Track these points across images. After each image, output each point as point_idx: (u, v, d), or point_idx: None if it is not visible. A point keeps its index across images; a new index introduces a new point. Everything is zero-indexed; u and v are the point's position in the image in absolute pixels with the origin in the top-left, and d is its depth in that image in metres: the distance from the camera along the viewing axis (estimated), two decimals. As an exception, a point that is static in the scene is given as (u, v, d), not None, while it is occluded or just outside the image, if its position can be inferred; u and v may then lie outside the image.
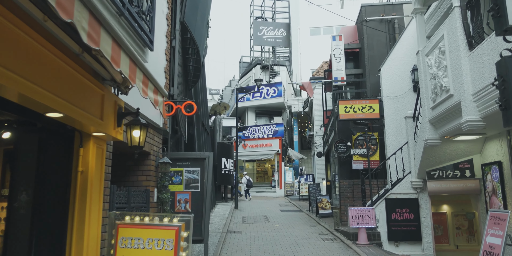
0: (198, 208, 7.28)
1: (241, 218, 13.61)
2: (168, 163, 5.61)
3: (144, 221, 3.20)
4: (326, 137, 15.90)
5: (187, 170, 7.37)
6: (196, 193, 7.32)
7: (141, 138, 3.37)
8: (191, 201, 7.28)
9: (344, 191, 11.42)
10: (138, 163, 5.26)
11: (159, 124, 5.57)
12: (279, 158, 24.16)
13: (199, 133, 13.51)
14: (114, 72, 2.93)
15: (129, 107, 3.97)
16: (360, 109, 11.33)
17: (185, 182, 7.33)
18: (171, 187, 7.25)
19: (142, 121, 3.37)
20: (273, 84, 26.69)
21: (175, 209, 7.23)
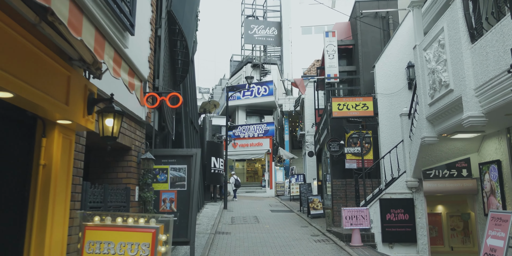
0: (184, 208, 6.86)
1: (230, 219, 13.20)
2: (151, 159, 5.18)
3: (116, 222, 2.79)
4: (318, 136, 15.57)
5: (173, 167, 6.94)
6: (182, 192, 6.90)
7: (115, 128, 2.95)
8: (177, 200, 6.86)
9: (337, 191, 11.08)
10: (118, 158, 4.83)
11: (141, 117, 5.14)
12: (269, 157, 23.79)
13: (187, 130, 13.07)
14: (83, 50, 2.51)
15: (105, 95, 3.55)
16: (353, 107, 11.01)
17: (171, 181, 6.90)
18: (156, 185, 6.83)
19: (117, 108, 2.96)
20: (264, 83, 26.32)
21: (159, 208, 6.80)
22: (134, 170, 5.06)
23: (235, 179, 20.63)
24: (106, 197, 3.96)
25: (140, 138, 5.35)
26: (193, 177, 6.91)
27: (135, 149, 5.07)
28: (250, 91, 26.30)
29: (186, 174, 6.94)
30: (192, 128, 14.72)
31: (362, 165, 9.85)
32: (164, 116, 8.06)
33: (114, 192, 4.28)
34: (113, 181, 4.81)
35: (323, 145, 14.44)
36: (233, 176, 20.74)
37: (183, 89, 13.14)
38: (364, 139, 9.92)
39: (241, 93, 26.52)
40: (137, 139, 5.13)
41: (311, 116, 21.87)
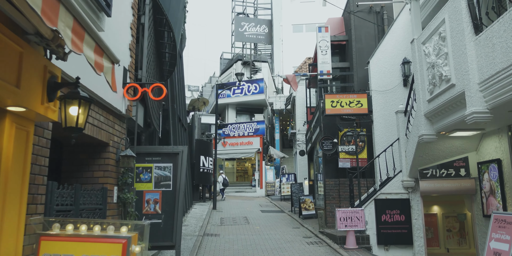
0: (170, 209, 6.41)
1: (220, 220, 12.76)
2: (131, 156, 4.72)
3: (79, 230, 2.34)
4: (309, 135, 15.20)
5: (158, 166, 6.48)
6: (167, 193, 6.44)
7: (81, 118, 2.50)
8: (162, 201, 6.40)
9: (330, 191, 10.71)
10: (94, 156, 4.36)
11: (121, 109, 4.67)
12: (260, 156, 23.38)
13: (175, 128, 12.59)
14: (37, 21, 2.06)
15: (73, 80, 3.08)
16: (347, 104, 10.64)
17: (155, 180, 6.44)
18: (139, 185, 6.36)
19: (83, 94, 2.50)
20: (255, 81, 25.89)
21: (142, 210, 6.33)
22: (113, 169, 4.60)
23: (223, 178, 20.18)
24: (77, 199, 3.50)
25: (120, 133, 4.88)
26: (179, 177, 6.46)
27: (114, 145, 4.60)
28: (240, 89, 25.86)
29: (172, 173, 6.48)
30: (180, 125, 14.23)
31: (356, 164, 9.49)
32: (149, 111, 7.59)
33: (88, 193, 3.82)
34: (88, 180, 4.34)
35: (315, 143, 14.07)
36: (221, 175, 20.29)
37: (171, 84, 12.65)
38: (358, 137, 9.56)
39: (231, 91, 26.06)
40: (116, 134, 4.66)
41: (303, 114, 21.51)
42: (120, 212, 4.75)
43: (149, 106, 7.11)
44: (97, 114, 3.99)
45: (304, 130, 21.36)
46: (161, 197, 6.39)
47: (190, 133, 18.42)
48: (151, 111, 7.71)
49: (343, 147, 9.54)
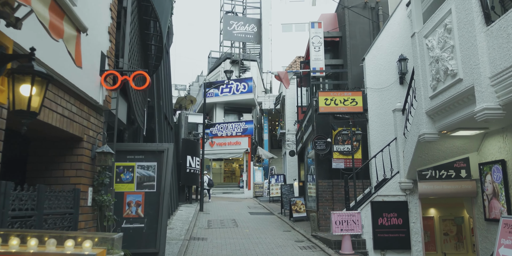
0: (154, 212, 5.85)
1: (207, 222, 12.19)
2: (109, 153, 4.16)
3: (28, 246, 1.79)
4: (300, 134, 14.74)
5: (141, 165, 5.92)
6: (151, 194, 5.88)
7: (35, 100, 1.95)
8: (145, 203, 5.83)
9: (323, 193, 10.25)
10: (65, 152, 3.79)
11: (97, 100, 4.11)
12: (248, 157, 22.85)
13: (161, 126, 11.99)
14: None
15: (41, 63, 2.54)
16: (342, 102, 10.21)
17: (138, 180, 5.87)
18: (119, 186, 5.79)
19: (38, 69, 1.96)
20: (243, 80, 25.36)
21: (123, 214, 5.76)
22: (87, 167, 4.03)
23: (208, 178, 19.60)
24: (41, 202, 2.94)
25: (96, 127, 4.31)
26: (164, 177, 5.91)
27: (89, 141, 4.04)
28: (229, 88, 25.32)
29: (156, 172, 5.92)
30: (166, 124, 13.63)
31: (352, 164, 9.05)
32: (132, 107, 7.01)
33: (56, 195, 3.25)
34: (58, 180, 3.77)
35: (306, 143, 13.62)
36: (206, 176, 19.71)
37: (157, 80, 12.06)
38: (355, 136, 9.12)
39: (219, 90, 25.49)
40: (91, 128, 4.09)
41: (292, 114, 21.07)
42: (96, 216, 4.19)
43: (132, 101, 6.54)
44: (68, 103, 3.43)
45: (294, 130, 20.92)
46: (144, 199, 5.83)
47: (176, 132, 17.82)
48: (134, 107, 7.13)
49: (338, 146, 9.09)
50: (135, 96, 6.96)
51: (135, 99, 6.80)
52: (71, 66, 3.10)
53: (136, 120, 8.55)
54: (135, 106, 6.91)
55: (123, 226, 5.67)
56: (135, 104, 6.99)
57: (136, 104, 7.33)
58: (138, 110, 8.05)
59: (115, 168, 5.80)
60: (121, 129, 9.15)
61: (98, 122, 4.34)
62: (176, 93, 36.05)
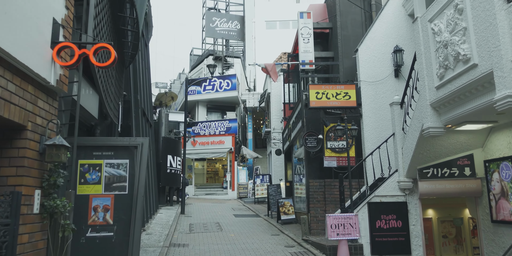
0: (125, 218, 4.99)
1: (189, 226, 11.32)
2: (62, 146, 3.31)
3: None
4: (287, 132, 14.02)
5: (110, 163, 5.05)
6: (122, 197, 5.02)
7: None
8: (114, 208, 4.97)
9: (314, 193, 9.53)
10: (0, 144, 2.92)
11: (47, 79, 3.24)
12: (232, 157, 22.02)
13: (138, 123, 11.07)
14: None
15: None
16: (334, 96, 9.51)
17: (106, 181, 5.01)
18: (83, 188, 4.91)
19: None
20: (227, 76, 24.53)
21: (88, 220, 4.88)
22: (32, 164, 3.16)
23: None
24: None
25: (47, 113, 3.44)
26: (138, 176, 5.06)
27: (35, 130, 3.18)
28: (212, 85, 24.45)
29: (129, 172, 5.07)
30: (144, 120, 12.71)
31: (347, 162, 8.34)
32: (105, 100, 6.13)
33: (-19, 200, 2.41)
34: (-8, 181, 2.91)
35: (294, 141, 12.90)
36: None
37: (134, 74, 11.15)
38: (350, 131, 8.42)
39: (202, 87, 24.60)
40: (39, 114, 3.24)
41: (278, 111, 20.35)
42: (46, 226, 3.33)
43: (101, 89, 5.66)
44: (2, 78, 2.58)
45: (279, 128, 20.20)
46: (114, 203, 4.96)
47: (156, 130, 16.86)
48: (104, 96, 6.24)
49: (332, 143, 8.37)
50: (105, 84, 6.08)
51: (105, 87, 5.92)
52: (7, 30, 2.25)
53: (109, 114, 7.66)
54: (105, 96, 6.03)
55: (88, 235, 4.80)
56: (105, 94, 6.11)
57: (106, 94, 6.44)
58: (109, 101, 7.16)
59: (79, 167, 4.93)
60: (92, 124, 8.23)
61: (49, 108, 3.47)
62: (157, 91, 34.89)
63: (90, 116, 7.69)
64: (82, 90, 6.64)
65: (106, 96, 6.52)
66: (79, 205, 4.83)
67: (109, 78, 6.76)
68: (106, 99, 6.57)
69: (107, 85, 6.47)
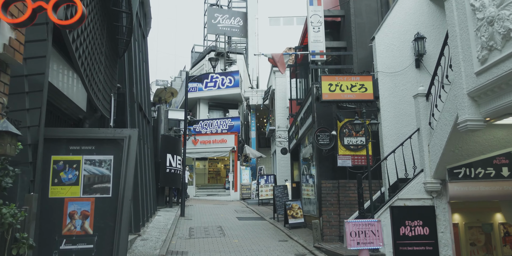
0: (109, 226, 4.10)
1: (188, 230, 10.43)
2: (9, 133, 2.43)
3: None
4: (294, 129, 13.12)
5: (90, 159, 4.17)
6: (105, 201, 4.14)
7: None
8: (95, 215, 4.09)
9: (327, 196, 8.62)
10: None
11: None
12: (234, 156, 21.12)
13: (133, 118, 10.19)
14: None
15: None
16: (348, 88, 8.62)
17: (85, 181, 4.13)
18: (57, 190, 4.04)
19: None
20: (229, 73, 23.61)
21: (63, 230, 4.00)
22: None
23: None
24: None
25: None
26: (124, 176, 4.17)
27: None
28: (214, 82, 23.55)
29: (113, 170, 4.19)
30: (141, 116, 11.83)
31: (366, 161, 7.43)
32: (84, 82, 5.23)
33: None
34: None
35: (302, 139, 12.00)
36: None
37: (129, 64, 10.27)
38: (370, 126, 7.50)
39: (203, 84, 23.71)
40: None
41: (283, 109, 19.46)
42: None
43: (84, 73, 4.78)
44: None
45: (285, 127, 19.30)
46: (94, 209, 4.08)
47: (155, 128, 15.99)
48: (89, 85, 5.37)
49: (349, 139, 7.44)
50: (90, 68, 5.19)
51: (88, 71, 5.03)
52: None
53: (98, 107, 6.79)
54: (88, 82, 5.14)
55: (62, 248, 3.91)
56: (89, 80, 5.22)
57: (92, 81, 5.56)
58: (97, 91, 6.28)
59: (52, 164, 4.04)
60: (80, 118, 7.36)
61: (-5, 82, 2.59)
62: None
63: (77, 108, 6.81)
64: (65, 77, 5.77)
65: (92, 83, 5.64)
66: (52, 210, 3.96)
67: (96, 62, 5.88)
68: (92, 86, 5.69)
69: (93, 70, 5.59)
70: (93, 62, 5.71)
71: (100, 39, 6.50)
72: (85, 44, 4.83)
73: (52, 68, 5.22)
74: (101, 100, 6.97)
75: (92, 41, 5.45)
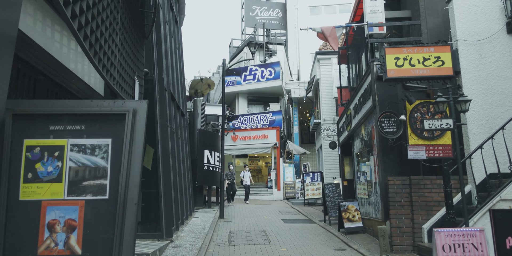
0: (104, 244, 2.78)
1: (228, 235, 9.12)
2: None
3: None
4: (346, 120, 11.49)
5: (78, 144, 2.87)
6: (99, 205, 2.84)
7: None
8: (85, 225, 2.79)
9: (396, 196, 6.98)
10: None
11: None
12: (276, 152, 19.68)
13: (164, 107, 9.00)
14: None
15: None
16: (420, 62, 6.94)
17: (71, 176, 2.83)
18: (31, 189, 2.79)
19: None
20: (269, 65, 22.20)
21: (38, 248, 2.72)
22: None
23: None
24: None
25: None
26: (126, 168, 2.83)
27: None
28: (253, 75, 22.23)
29: (111, 160, 2.86)
30: (174, 106, 10.66)
31: (453, 151, 5.75)
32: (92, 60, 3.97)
33: None
34: None
35: (356, 130, 10.38)
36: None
37: (158, 48, 9.09)
38: (459, 105, 5.80)
39: (242, 77, 22.45)
40: None
41: (329, 100, 17.81)
42: None
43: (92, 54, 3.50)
44: None
45: (331, 119, 17.65)
46: (84, 216, 2.77)
47: (191, 123, 14.87)
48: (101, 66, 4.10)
49: (432, 122, 5.76)
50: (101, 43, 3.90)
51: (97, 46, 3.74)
52: None
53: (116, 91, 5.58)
54: (98, 60, 3.86)
55: (36, 275, 2.63)
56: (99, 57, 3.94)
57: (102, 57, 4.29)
58: (112, 71, 5.04)
59: (24, 151, 2.79)
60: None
61: None
62: (195, 86, 33.25)
63: (91, 91, 5.65)
64: (71, 51, 4.59)
65: (105, 62, 4.38)
66: (23, 219, 2.70)
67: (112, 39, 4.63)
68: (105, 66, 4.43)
69: (107, 47, 4.33)
70: (108, 38, 4.48)
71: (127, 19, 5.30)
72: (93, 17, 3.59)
73: (53, 39, 4.05)
74: (121, 83, 5.77)
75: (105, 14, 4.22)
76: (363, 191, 9.90)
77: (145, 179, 8.62)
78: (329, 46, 18.79)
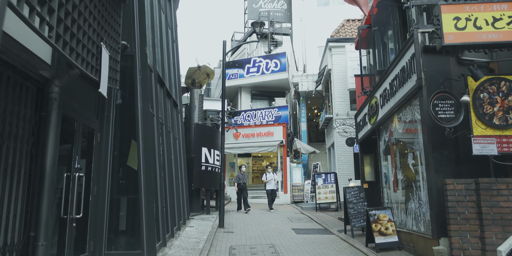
0: None
1: (228, 250, 7.29)
2: None
3: None
4: (370, 111, 9.64)
5: None
6: None
7: None
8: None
9: (457, 205, 5.12)
10: None
11: None
12: (283, 151, 17.84)
13: (146, 91, 7.14)
14: None
15: None
16: (489, 23, 5.12)
17: None
18: None
19: None
20: (274, 56, 20.37)
21: None
22: None
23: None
24: None
25: None
26: None
27: None
28: (257, 67, 20.42)
29: None
30: (163, 93, 8.85)
31: None
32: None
33: None
34: None
35: (384, 122, 8.54)
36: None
37: (140, 18, 7.27)
38: None
39: (245, 70, 20.64)
40: None
41: (343, 92, 15.96)
42: None
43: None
44: None
45: (344, 114, 15.81)
46: None
47: (187, 116, 13.08)
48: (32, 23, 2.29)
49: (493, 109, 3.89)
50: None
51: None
52: None
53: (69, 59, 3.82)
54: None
55: None
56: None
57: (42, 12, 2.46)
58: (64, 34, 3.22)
59: None
60: (45, 77, 4.42)
61: None
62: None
63: (36, 60, 3.91)
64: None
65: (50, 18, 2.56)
66: None
67: None
68: (41, 14, 2.62)
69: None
70: None
71: None
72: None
73: None
74: (78, 51, 3.98)
75: None
76: (388, 195, 8.06)
77: (125, 181, 6.84)
78: (342, 33, 16.93)
